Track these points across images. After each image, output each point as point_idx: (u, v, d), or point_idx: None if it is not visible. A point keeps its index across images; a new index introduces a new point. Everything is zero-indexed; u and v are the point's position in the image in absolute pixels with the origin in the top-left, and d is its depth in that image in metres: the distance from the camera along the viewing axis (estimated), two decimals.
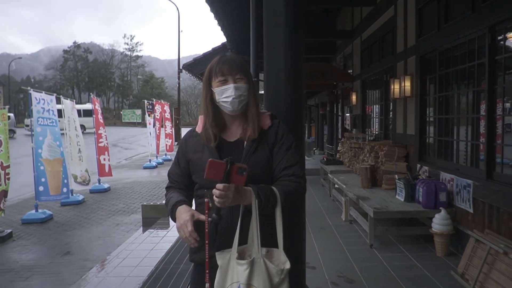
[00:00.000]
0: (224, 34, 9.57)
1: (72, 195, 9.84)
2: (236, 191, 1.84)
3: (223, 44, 11.57)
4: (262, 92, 2.93)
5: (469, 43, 5.17)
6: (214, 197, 1.83)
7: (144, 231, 6.87)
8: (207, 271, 1.91)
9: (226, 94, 2.03)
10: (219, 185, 1.82)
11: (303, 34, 2.78)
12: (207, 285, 1.91)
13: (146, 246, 6.01)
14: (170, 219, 7.30)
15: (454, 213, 5.29)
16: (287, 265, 1.91)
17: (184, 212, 1.96)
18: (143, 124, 53.73)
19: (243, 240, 1.92)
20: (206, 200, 1.89)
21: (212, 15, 7.83)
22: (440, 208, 5.21)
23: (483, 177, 4.75)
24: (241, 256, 1.90)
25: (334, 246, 5.68)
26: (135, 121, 61.53)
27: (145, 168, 16.14)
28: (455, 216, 5.27)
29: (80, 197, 9.99)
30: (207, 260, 1.91)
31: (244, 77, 2.06)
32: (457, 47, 5.51)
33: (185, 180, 2.15)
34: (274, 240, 1.96)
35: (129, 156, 21.27)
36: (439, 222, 5.12)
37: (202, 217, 1.91)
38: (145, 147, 20.90)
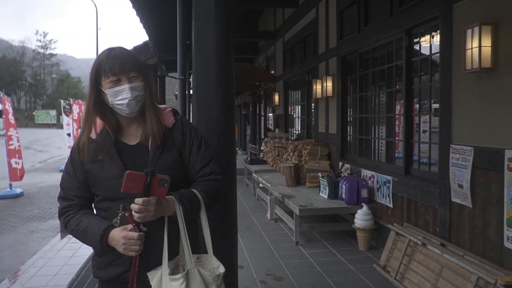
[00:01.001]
0: (147, 32, 9.29)
1: None
2: (158, 204, 1.70)
3: (145, 43, 11.25)
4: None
5: (387, 46, 5.42)
6: (133, 212, 1.68)
7: (62, 237, 6.48)
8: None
9: (121, 96, 1.79)
10: (138, 200, 1.66)
11: (233, 32, 2.76)
12: None
13: (65, 253, 5.67)
14: None
15: (375, 209, 5.51)
16: (221, 269, 1.83)
17: (118, 234, 1.75)
18: (58, 125, 51.17)
19: (172, 253, 1.79)
20: (127, 214, 1.71)
21: (134, 12, 7.58)
22: (362, 204, 5.41)
23: (402, 173, 4.99)
24: (174, 271, 1.78)
25: (261, 244, 5.71)
26: (49, 122, 58.53)
27: (62, 171, 15.28)
28: (376, 211, 5.50)
29: None
30: (134, 279, 1.78)
31: (139, 75, 1.83)
32: (377, 49, 5.76)
33: (86, 194, 1.88)
34: (201, 246, 1.88)
35: (44, 159, 20.10)
36: (361, 217, 5.31)
37: (132, 233, 1.73)
38: (61, 149, 19.87)
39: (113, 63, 1.78)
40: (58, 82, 79.87)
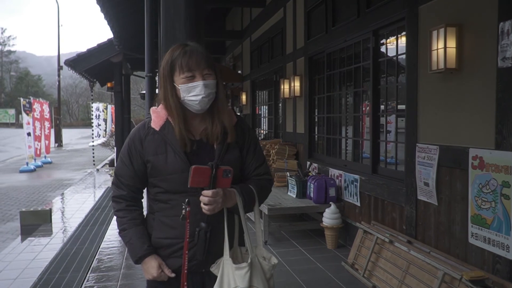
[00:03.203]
0: (111, 30, 9.10)
1: None
2: (225, 195, 1.79)
3: (110, 40, 11.07)
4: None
5: (355, 46, 5.48)
6: (202, 204, 1.76)
7: (23, 239, 6.29)
8: (184, 283, 1.84)
9: (194, 92, 1.82)
10: (208, 192, 1.74)
11: (204, 26, 2.73)
12: None
13: (26, 256, 5.49)
14: (51, 224, 6.84)
15: (343, 207, 5.57)
16: (274, 260, 1.93)
17: (152, 267, 1.89)
18: (17, 124, 49.70)
19: (230, 244, 1.89)
20: (188, 209, 1.77)
21: (98, 8, 7.42)
22: (330, 203, 5.45)
23: (369, 172, 5.06)
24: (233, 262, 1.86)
25: None
26: (8, 121, 56.74)
27: (21, 171, 14.85)
28: (343, 210, 5.55)
29: None
30: (185, 271, 1.84)
31: (212, 72, 1.86)
32: (344, 50, 5.82)
33: (138, 183, 1.94)
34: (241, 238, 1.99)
35: (2, 159, 19.46)
36: (329, 216, 5.35)
37: (166, 271, 1.89)
38: (21, 149, 19.29)
39: (189, 59, 1.81)
40: (17, 80, 77.29)
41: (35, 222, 6.97)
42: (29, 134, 15.64)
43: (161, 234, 1.91)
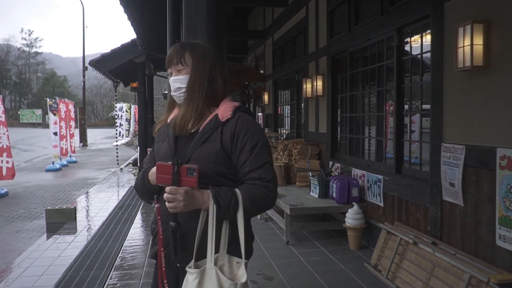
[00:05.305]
0: (135, 30, 9.19)
1: None
2: (187, 194, 1.69)
3: (133, 41, 11.16)
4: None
5: (378, 44, 5.41)
6: (166, 202, 1.71)
7: (48, 237, 6.40)
8: (165, 281, 1.80)
9: (171, 88, 1.92)
10: (167, 188, 1.70)
11: (225, 26, 2.72)
12: None
13: (51, 253, 5.59)
14: (75, 222, 6.94)
15: (366, 208, 5.50)
16: (243, 279, 1.75)
17: (152, 172, 1.87)
18: (44, 124, 50.74)
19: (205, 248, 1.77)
20: (157, 205, 1.74)
21: (122, 9, 7.49)
22: (353, 203, 5.39)
23: (393, 172, 4.98)
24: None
25: None
26: (35, 121, 58.03)
27: (47, 170, 15.14)
28: (366, 211, 5.48)
29: None
30: (163, 269, 1.80)
31: (185, 66, 1.87)
32: (367, 48, 5.75)
33: None
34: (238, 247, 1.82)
35: (29, 158, 19.87)
36: (352, 216, 5.29)
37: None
38: (47, 148, 19.64)
39: (167, 57, 1.92)
40: (44, 81, 79.03)
41: (60, 220, 7.08)
42: (55, 133, 15.93)
43: (152, 219, 1.99)
